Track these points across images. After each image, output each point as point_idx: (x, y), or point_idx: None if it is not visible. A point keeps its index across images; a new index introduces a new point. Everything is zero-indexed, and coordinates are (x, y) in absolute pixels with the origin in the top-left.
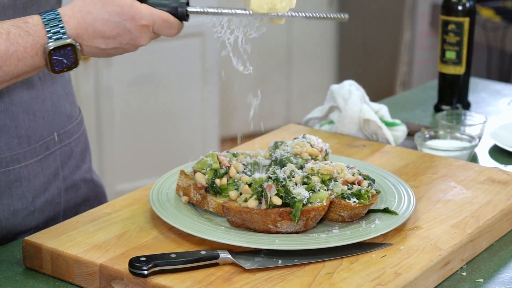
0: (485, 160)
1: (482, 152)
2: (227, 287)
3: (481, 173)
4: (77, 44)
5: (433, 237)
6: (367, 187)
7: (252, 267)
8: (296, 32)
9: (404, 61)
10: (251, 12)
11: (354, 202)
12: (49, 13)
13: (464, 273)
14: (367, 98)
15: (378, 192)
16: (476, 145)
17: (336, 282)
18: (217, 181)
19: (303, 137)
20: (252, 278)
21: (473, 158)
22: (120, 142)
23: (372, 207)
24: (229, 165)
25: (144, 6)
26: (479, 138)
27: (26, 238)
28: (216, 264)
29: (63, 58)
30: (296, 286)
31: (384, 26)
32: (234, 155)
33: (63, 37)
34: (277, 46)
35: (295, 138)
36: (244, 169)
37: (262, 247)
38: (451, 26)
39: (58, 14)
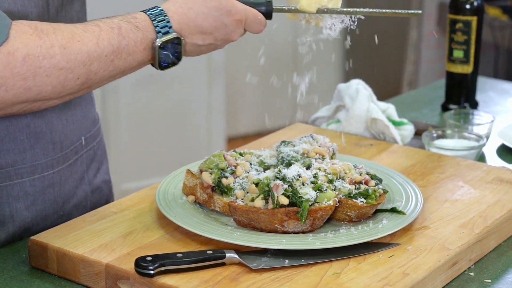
0: (493, 159)
1: (490, 152)
2: (234, 287)
3: (489, 172)
4: (183, 38)
5: (440, 237)
6: (374, 186)
7: (259, 267)
8: (302, 31)
9: (410, 60)
10: (321, 7)
11: (361, 201)
12: (154, 9)
13: (472, 273)
14: (374, 97)
15: (385, 191)
16: (484, 145)
17: (344, 282)
18: (224, 180)
19: (311, 136)
20: (259, 278)
21: (481, 158)
22: (126, 141)
23: (379, 207)
24: (236, 164)
25: (237, 2)
26: (487, 137)
27: (32, 237)
28: (223, 264)
29: (170, 52)
30: (303, 286)
31: (390, 25)
32: (241, 154)
33: (170, 31)
34: (284, 44)
35: (302, 137)
36: (251, 167)
37: (268, 247)
38: (459, 25)
39: (162, 10)
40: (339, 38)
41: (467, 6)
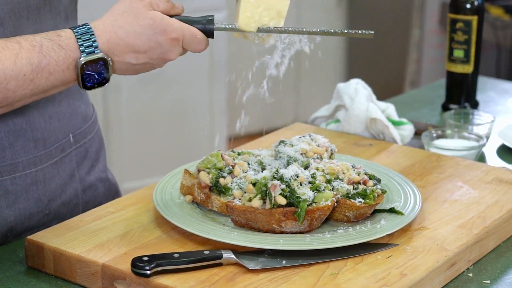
0: (493, 159)
1: (490, 152)
2: None
3: (489, 173)
4: (109, 58)
5: (439, 238)
6: (372, 186)
7: (256, 267)
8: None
9: (412, 60)
10: (277, 28)
11: (359, 202)
12: (81, 27)
13: (471, 274)
14: (374, 97)
15: (384, 192)
16: (484, 145)
17: (341, 282)
18: (221, 180)
19: (309, 136)
20: (256, 279)
21: (481, 158)
22: (127, 140)
23: (377, 207)
24: (233, 164)
25: (174, 20)
26: (487, 137)
27: (28, 237)
28: (220, 264)
29: (95, 73)
30: (300, 287)
31: (393, 24)
32: (239, 154)
33: (95, 51)
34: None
35: (300, 137)
36: (249, 167)
37: (266, 247)
38: (459, 25)
39: (90, 28)
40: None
41: (468, 6)
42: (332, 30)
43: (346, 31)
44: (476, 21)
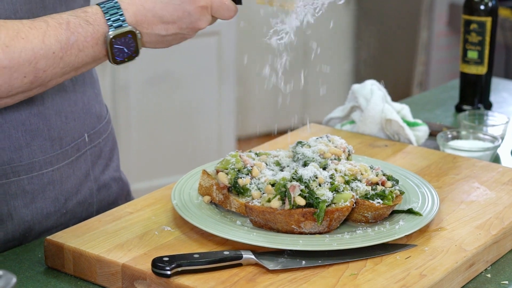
0: (508, 160)
1: (505, 153)
2: None
3: (505, 174)
4: (137, 31)
5: (457, 238)
6: (391, 187)
7: (276, 268)
8: (313, 31)
9: (421, 61)
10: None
11: (378, 202)
12: (108, 2)
13: (489, 275)
14: (388, 98)
15: (402, 192)
16: (499, 146)
17: (361, 283)
18: (240, 181)
19: (327, 137)
20: (276, 279)
21: (496, 159)
22: (136, 141)
23: (396, 208)
24: (252, 164)
25: None
26: (502, 138)
27: (48, 237)
28: (240, 265)
29: (124, 46)
30: (320, 287)
31: (401, 26)
32: (257, 154)
33: (123, 24)
34: (294, 45)
35: (317, 138)
36: (267, 168)
37: (285, 248)
38: (473, 26)
39: (116, 2)
40: (349, 38)
41: (482, 7)
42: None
43: None
44: (490, 22)
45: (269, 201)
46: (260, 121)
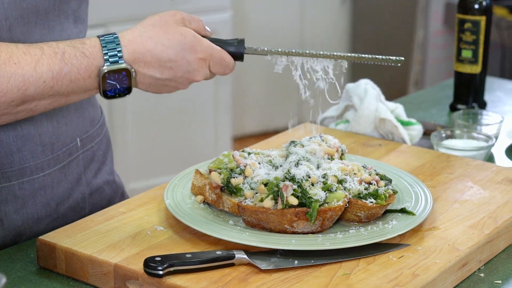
0: (502, 160)
1: (499, 152)
2: None
3: (498, 173)
4: (133, 69)
5: (450, 238)
6: (384, 187)
7: (268, 268)
8: (308, 31)
9: (417, 60)
10: (306, 52)
11: (371, 202)
12: (108, 35)
13: (482, 274)
14: (382, 97)
15: (395, 192)
16: (493, 145)
17: (353, 283)
18: (233, 180)
19: (320, 136)
20: (268, 279)
21: (490, 158)
22: (132, 140)
23: (389, 208)
24: (245, 164)
25: (205, 39)
26: (496, 137)
27: (40, 237)
28: (232, 265)
29: (117, 82)
30: (313, 287)
31: (397, 25)
32: (250, 154)
33: (119, 61)
34: (290, 45)
35: (311, 137)
36: (260, 167)
37: (278, 247)
38: (467, 25)
39: (117, 37)
40: (345, 37)
41: (476, 6)
42: (361, 55)
43: (375, 56)
44: (484, 21)
45: (261, 200)
46: (256, 121)
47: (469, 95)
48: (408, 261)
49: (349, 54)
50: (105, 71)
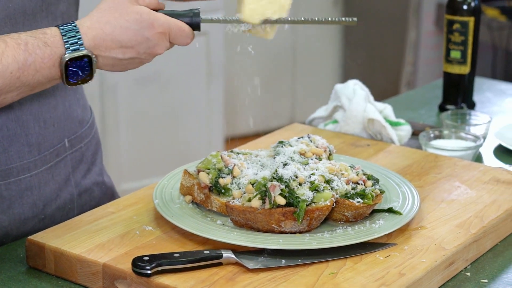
0: (490, 160)
1: (487, 152)
2: (231, 287)
3: (486, 173)
4: (94, 56)
5: (437, 237)
6: (371, 187)
7: (256, 267)
8: (301, 31)
9: (409, 61)
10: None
11: (358, 202)
12: (67, 24)
13: (469, 274)
14: (371, 98)
15: (382, 192)
16: (480, 145)
17: (340, 282)
18: (221, 180)
19: (308, 136)
20: (256, 278)
21: (478, 158)
22: (124, 141)
23: (376, 207)
24: (233, 164)
25: (160, 14)
26: (484, 138)
27: (29, 237)
28: (220, 264)
29: (79, 69)
30: (300, 286)
31: (389, 26)
32: (238, 154)
33: (80, 48)
34: (283, 45)
35: (299, 138)
36: (249, 167)
37: (265, 247)
38: (456, 26)
39: (75, 25)
40: (337, 37)
41: (464, 7)
42: (317, 19)
43: (330, 19)
44: (473, 22)
45: (249, 200)
46: (249, 121)
47: (458, 95)
48: (395, 260)
49: (302, 19)
50: (67, 59)
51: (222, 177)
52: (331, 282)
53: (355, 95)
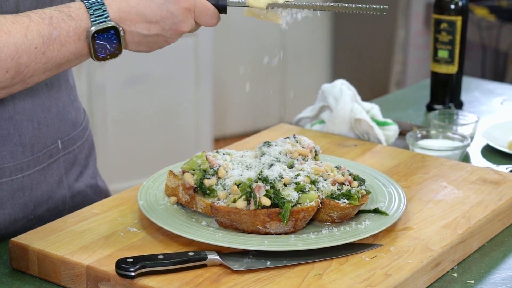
0: (477, 160)
1: (474, 152)
2: None
3: (473, 173)
4: (120, 28)
5: (423, 238)
6: (357, 187)
7: (241, 268)
8: (290, 31)
9: (398, 60)
10: (289, 2)
11: (344, 202)
12: None
13: (455, 274)
14: (358, 98)
15: (368, 192)
16: (468, 145)
17: (325, 283)
18: (206, 181)
19: (294, 137)
20: (240, 280)
21: (465, 158)
22: (113, 142)
23: (362, 208)
24: (218, 165)
25: None
26: (471, 137)
27: (12, 239)
28: (204, 266)
29: (106, 43)
30: (285, 287)
31: (378, 25)
32: (224, 155)
33: (106, 20)
34: (272, 45)
35: (285, 138)
36: (234, 168)
37: (250, 248)
38: (443, 25)
39: None
40: (326, 37)
41: (452, 6)
42: (345, 5)
43: (359, 5)
44: (461, 21)
45: (234, 201)
46: (238, 122)
47: (445, 95)
48: (381, 261)
49: (332, 5)
50: (93, 31)
51: (207, 178)
52: (316, 283)
53: (342, 95)
